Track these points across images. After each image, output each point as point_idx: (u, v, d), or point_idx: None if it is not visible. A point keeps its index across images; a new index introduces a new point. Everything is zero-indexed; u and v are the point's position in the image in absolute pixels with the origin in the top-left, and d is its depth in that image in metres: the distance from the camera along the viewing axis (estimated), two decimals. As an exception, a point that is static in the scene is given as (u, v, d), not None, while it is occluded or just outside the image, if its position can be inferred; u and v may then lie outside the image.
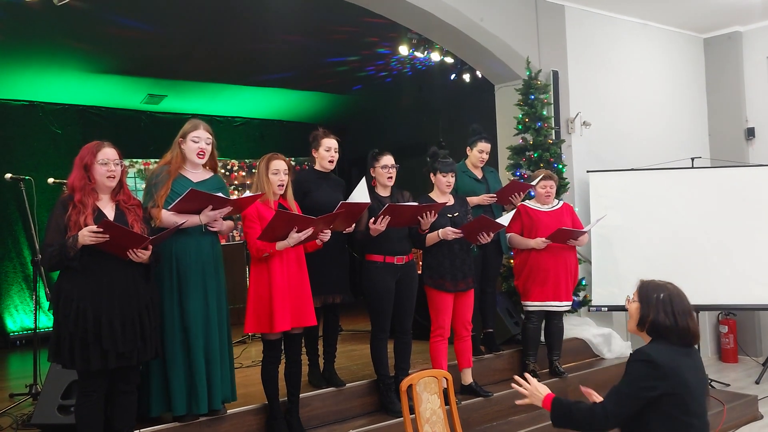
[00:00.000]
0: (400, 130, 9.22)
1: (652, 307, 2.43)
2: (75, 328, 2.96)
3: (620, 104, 6.72)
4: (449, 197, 4.36)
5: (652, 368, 2.32)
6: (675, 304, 2.42)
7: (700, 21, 7.10)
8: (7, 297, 7.22)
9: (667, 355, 2.35)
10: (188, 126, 3.54)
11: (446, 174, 4.26)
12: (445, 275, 4.22)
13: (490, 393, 4.50)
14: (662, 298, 2.43)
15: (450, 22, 5.55)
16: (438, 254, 4.24)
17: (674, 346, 2.39)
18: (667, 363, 2.32)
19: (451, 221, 4.23)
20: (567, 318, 5.46)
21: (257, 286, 3.58)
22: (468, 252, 4.34)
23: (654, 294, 2.45)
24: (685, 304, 2.43)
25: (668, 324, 2.39)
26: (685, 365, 2.35)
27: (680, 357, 2.37)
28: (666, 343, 2.40)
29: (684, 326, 2.39)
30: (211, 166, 3.63)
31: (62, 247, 2.93)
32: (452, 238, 4.16)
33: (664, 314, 2.40)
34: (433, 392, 3.28)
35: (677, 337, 2.39)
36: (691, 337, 2.41)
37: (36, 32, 6.14)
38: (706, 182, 6.19)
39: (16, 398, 4.19)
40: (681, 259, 5.95)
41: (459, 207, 4.37)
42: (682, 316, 2.40)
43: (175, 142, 3.54)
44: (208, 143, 3.53)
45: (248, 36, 6.76)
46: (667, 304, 2.41)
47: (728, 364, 6.97)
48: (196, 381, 3.42)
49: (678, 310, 2.40)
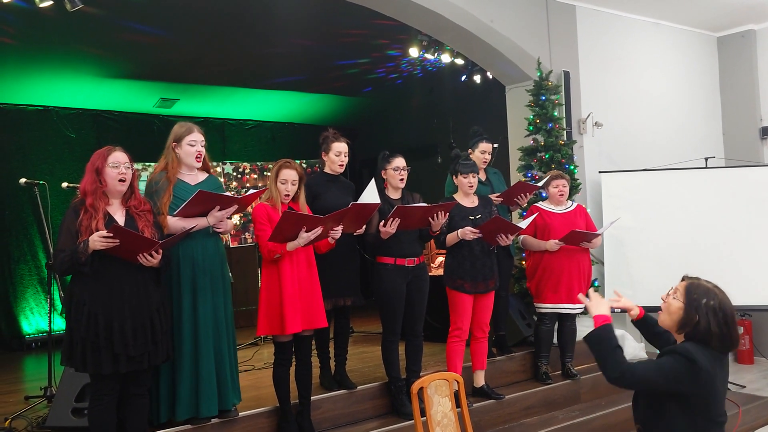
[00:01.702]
0: (411, 131, 9.22)
1: (700, 312, 2.37)
2: (86, 333, 2.98)
3: (632, 104, 6.67)
4: (473, 199, 4.35)
5: (693, 369, 2.29)
6: (726, 312, 2.36)
7: (713, 19, 7.03)
8: (23, 300, 7.29)
9: (709, 361, 2.32)
10: (182, 130, 3.48)
11: (467, 175, 4.25)
12: (465, 276, 4.20)
13: (502, 396, 4.48)
14: (712, 305, 2.37)
15: (460, 24, 5.54)
16: (458, 255, 4.23)
17: (713, 351, 2.36)
18: (708, 368, 2.30)
19: (473, 223, 4.21)
20: (580, 320, 5.42)
21: (268, 289, 3.59)
22: (489, 254, 4.30)
23: (703, 299, 2.39)
24: (732, 312, 2.38)
25: (716, 332, 2.34)
26: (718, 372, 2.35)
27: (716, 363, 2.35)
28: (706, 346, 2.35)
29: (730, 335, 2.36)
30: (204, 168, 3.61)
31: (73, 252, 2.96)
32: (471, 238, 4.14)
33: (715, 322, 2.35)
34: (444, 395, 3.27)
35: (720, 344, 2.36)
36: (733, 345, 2.39)
37: (50, 38, 6.21)
38: (720, 182, 6.12)
39: (31, 401, 4.23)
40: (695, 260, 5.88)
41: (482, 209, 4.34)
42: (732, 325, 2.36)
43: (168, 147, 3.50)
44: (203, 146, 3.52)
45: (259, 40, 6.79)
46: (717, 312, 2.36)
47: (744, 366, 6.89)
48: (205, 383, 3.42)
49: (729, 318, 2.36)
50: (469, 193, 4.31)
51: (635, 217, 5.96)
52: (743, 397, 5.33)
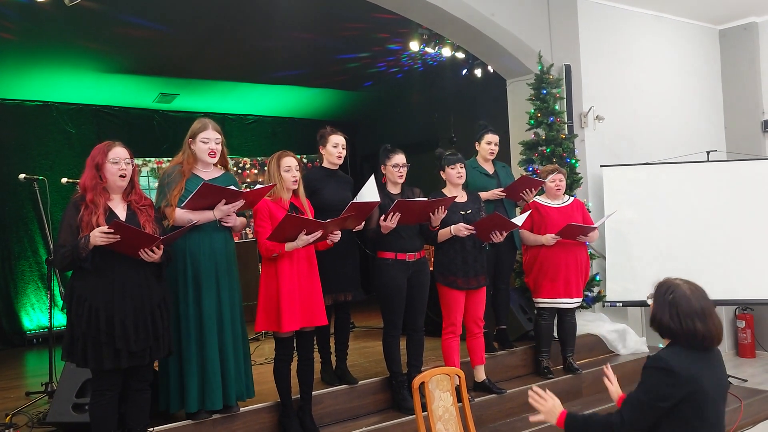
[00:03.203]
0: (411, 126, 9.19)
1: (660, 308, 2.31)
2: (88, 328, 2.98)
3: (634, 98, 6.64)
4: (462, 193, 4.34)
5: (667, 376, 2.21)
6: (680, 305, 2.26)
7: (715, 12, 7.00)
8: (24, 295, 7.29)
9: (684, 361, 2.22)
10: (197, 126, 3.53)
11: (454, 165, 4.24)
12: (457, 273, 4.19)
13: (503, 390, 4.48)
14: (669, 299, 2.29)
15: (461, 17, 5.51)
16: (450, 251, 4.22)
17: (691, 349, 2.26)
18: (684, 370, 2.20)
19: (464, 218, 4.21)
20: (581, 314, 5.42)
21: (267, 285, 3.58)
22: (480, 250, 4.30)
23: (664, 294, 2.32)
24: (693, 306, 2.26)
25: (673, 327, 2.27)
26: (702, 370, 2.23)
27: (698, 362, 2.24)
28: (681, 346, 2.27)
29: (689, 330, 2.24)
30: (222, 164, 3.64)
31: (74, 247, 2.95)
32: (465, 234, 4.13)
33: (669, 316, 2.27)
34: (445, 390, 3.26)
35: (686, 341, 2.26)
36: (703, 341, 2.26)
37: (49, 33, 6.19)
38: (721, 176, 6.10)
39: (32, 396, 4.23)
40: (697, 254, 5.89)
41: (472, 204, 4.33)
42: (687, 318, 2.24)
43: (185, 142, 3.55)
44: (217, 143, 3.53)
45: (259, 34, 6.76)
46: (672, 306, 2.28)
47: (745, 359, 6.89)
48: (210, 377, 3.44)
49: (683, 312, 2.25)
50: (458, 184, 4.29)
51: (637, 211, 5.95)
52: (745, 391, 5.33)
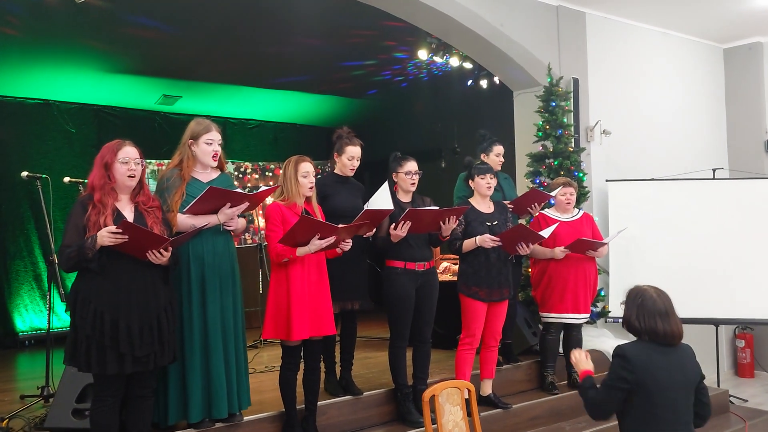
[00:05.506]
0: (415, 135, 9.16)
1: (629, 310, 2.67)
2: (92, 331, 2.89)
3: (639, 113, 6.64)
4: (489, 204, 4.28)
5: (623, 360, 2.57)
6: (645, 306, 2.62)
7: (721, 31, 7.03)
8: (17, 296, 7.17)
9: (642, 352, 2.58)
10: (199, 127, 3.41)
11: (484, 176, 4.18)
12: (481, 284, 4.12)
13: (509, 405, 4.41)
14: (638, 303, 2.64)
15: (470, 27, 5.49)
16: (474, 263, 4.14)
17: (653, 344, 2.60)
18: (636, 357, 2.56)
19: (489, 230, 4.14)
20: (585, 329, 5.36)
21: (276, 292, 3.51)
22: (505, 262, 4.22)
23: (634, 298, 2.68)
24: (656, 307, 2.61)
25: (636, 326, 2.63)
26: (657, 362, 2.56)
27: (654, 354, 2.57)
28: (644, 341, 2.62)
29: (650, 327, 2.59)
30: (218, 166, 3.54)
31: (80, 247, 2.87)
32: (490, 245, 4.06)
33: (635, 316, 2.64)
34: (455, 403, 3.21)
35: (648, 337, 2.61)
36: (663, 337, 2.59)
37: (52, 30, 6.11)
38: (726, 194, 6.10)
39: (27, 400, 4.12)
40: (699, 271, 5.88)
41: (498, 215, 4.26)
42: (649, 318, 2.60)
43: (184, 143, 3.42)
44: (220, 145, 3.45)
45: (264, 38, 6.72)
46: (640, 307, 2.63)
47: (744, 379, 6.87)
48: (215, 385, 3.34)
49: (646, 312, 2.61)
50: (486, 195, 4.22)
51: (641, 227, 5.92)
52: (748, 411, 5.29)
